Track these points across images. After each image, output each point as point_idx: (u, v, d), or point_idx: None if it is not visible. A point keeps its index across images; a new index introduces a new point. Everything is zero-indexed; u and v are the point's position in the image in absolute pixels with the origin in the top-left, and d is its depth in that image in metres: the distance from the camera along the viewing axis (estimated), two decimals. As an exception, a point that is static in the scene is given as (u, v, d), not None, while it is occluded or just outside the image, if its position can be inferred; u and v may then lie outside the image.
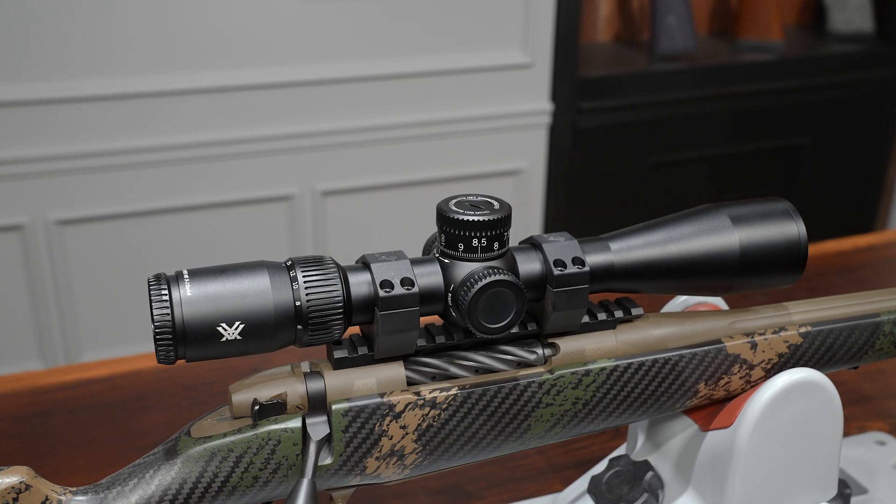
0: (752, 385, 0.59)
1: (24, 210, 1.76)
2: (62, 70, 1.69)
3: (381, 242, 1.99)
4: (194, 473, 0.50)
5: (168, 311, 0.47)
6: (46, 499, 0.49)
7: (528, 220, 2.10)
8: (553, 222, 2.12)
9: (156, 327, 0.47)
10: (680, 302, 0.65)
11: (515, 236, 0.58)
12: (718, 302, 0.67)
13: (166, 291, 0.47)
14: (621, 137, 2.16)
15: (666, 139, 2.23)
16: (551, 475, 0.83)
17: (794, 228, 0.57)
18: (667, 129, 2.22)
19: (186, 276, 0.48)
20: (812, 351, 0.60)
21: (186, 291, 0.48)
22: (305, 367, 0.53)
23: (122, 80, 1.73)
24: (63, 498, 0.49)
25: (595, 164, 2.16)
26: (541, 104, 2.02)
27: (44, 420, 0.89)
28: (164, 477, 0.50)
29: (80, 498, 0.50)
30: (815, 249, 1.27)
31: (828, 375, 0.59)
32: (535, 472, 0.84)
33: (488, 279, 0.50)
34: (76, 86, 1.70)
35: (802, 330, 0.60)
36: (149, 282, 0.48)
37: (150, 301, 0.47)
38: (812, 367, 0.60)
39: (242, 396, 0.51)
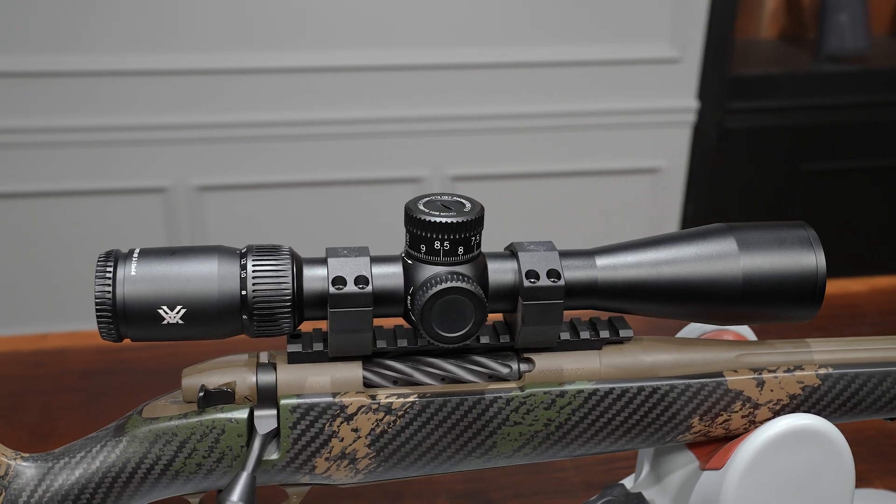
0: (756, 426, 0.54)
1: (168, 174, 1.84)
2: (213, 42, 1.75)
3: (505, 231, 1.96)
4: (138, 454, 0.50)
5: (109, 288, 0.47)
6: (-5, 461, 0.50)
7: (663, 222, 2.02)
8: (690, 226, 2.03)
9: (95, 303, 0.47)
10: (695, 328, 0.60)
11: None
12: (745, 331, 0.61)
13: (111, 268, 0.47)
14: (773, 141, 2.04)
15: (825, 146, 2.08)
16: (583, 492, 0.79)
17: (810, 259, 0.51)
18: (827, 135, 2.07)
19: (135, 255, 0.48)
20: (832, 396, 0.54)
21: (131, 270, 0.47)
22: (264, 357, 0.52)
23: (268, 55, 1.77)
24: (12, 463, 0.51)
25: (741, 168, 2.04)
26: (686, 101, 1.93)
27: (105, 378, 0.92)
28: (109, 454, 0.50)
29: (27, 464, 0.51)
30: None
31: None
32: (567, 486, 0.80)
33: (442, 285, 0.47)
34: (225, 58, 1.76)
35: (822, 371, 0.54)
36: (98, 258, 0.48)
37: (95, 276, 0.47)
38: (831, 413, 0.54)
39: (193, 380, 0.51)
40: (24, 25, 1.68)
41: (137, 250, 0.48)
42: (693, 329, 0.60)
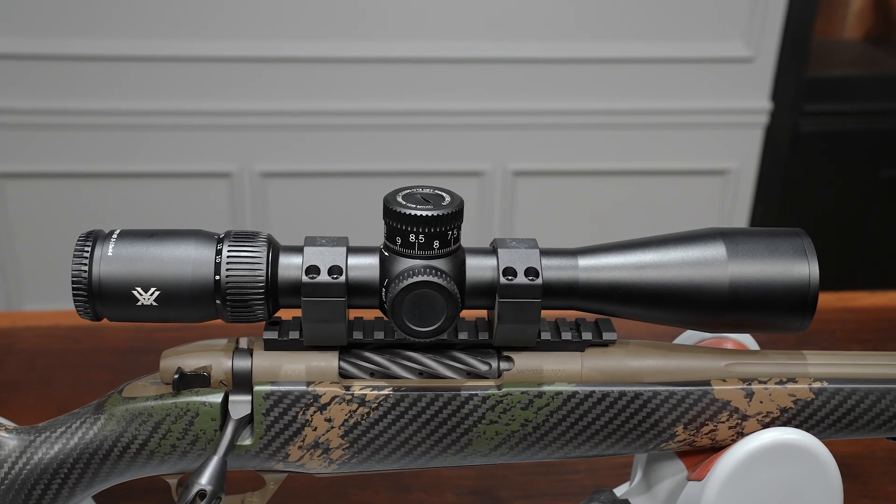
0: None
1: (234, 159, 1.87)
2: (284, 30, 1.77)
3: (564, 229, 1.94)
4: (115, 433, 0.51)
5: (86, 267, 0.48)
6: (-21, 431, 0.52)
7: (731, 225, 1.97)
8: (758, 230, 1.97)
9: (72, 281, 0.48)
10: (693, 334, 0.58)
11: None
12: (746, 340, 0.58)
13: (90, 248, 0.48)
14: (850, 146, 1.97)
15: (906, 153, 2.00)
16: (593, 497, 0.77)
17: (803, 269, 0.49)
18: (910, 141, 2.00)
19: (115, 236, 0.49)
20: (826, 411, 0.52)
21: (108, 251, 0.48)
22: (244, 343, 0.52)
23: (336, 44, 1.79)
24: (-4, 434, 0.52)
25: (815, 173, 1.98)
26: (759, 102, 1.88)
27: (135, 357, 0.94)
28: (88, 431, 0.51)
29: (9, 437, 0.52)
30: None
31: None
32: (578, 489, 0.78)
33: (413, 279, 0.47)
34: (296, 47, 1.78)
35: (816, 385, 0.52)
36: (79, 237, 0.49)
37: (73, 255, 0.48)
38: (825, 429, 0.52)
39: (170, 362, 0.52)
40: (105, 11, 1.73)
41: (118, 231, 0.49)
42: (690, 335, 0.58)
